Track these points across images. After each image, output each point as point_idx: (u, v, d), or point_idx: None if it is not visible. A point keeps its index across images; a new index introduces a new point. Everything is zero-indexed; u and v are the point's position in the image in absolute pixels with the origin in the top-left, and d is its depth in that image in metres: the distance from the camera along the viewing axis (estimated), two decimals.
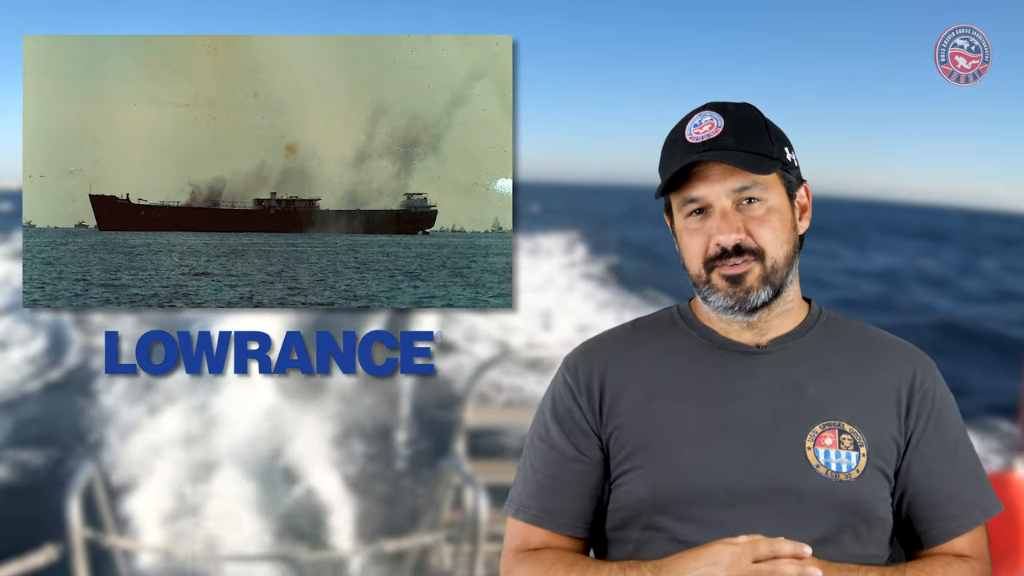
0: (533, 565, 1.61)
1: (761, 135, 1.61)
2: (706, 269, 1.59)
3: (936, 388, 1.64)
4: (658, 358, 1.64)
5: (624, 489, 1.60)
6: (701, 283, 1.60)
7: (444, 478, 6.10)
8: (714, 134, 1.57)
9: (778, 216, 1.60)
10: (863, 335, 1.68)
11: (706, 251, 1.58)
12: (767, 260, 1.58)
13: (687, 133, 1.59)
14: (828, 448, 1.57)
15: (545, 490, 1.64)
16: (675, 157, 1.59)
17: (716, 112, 1.60)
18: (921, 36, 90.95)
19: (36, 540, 5.27)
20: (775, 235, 1.59)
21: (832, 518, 1.54)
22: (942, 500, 1.61)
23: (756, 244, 1.58)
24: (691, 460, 1.56)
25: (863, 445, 1.57)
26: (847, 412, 1.59)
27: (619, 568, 1.54)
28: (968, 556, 1.61)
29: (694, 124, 1.60)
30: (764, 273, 1.58)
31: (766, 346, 1.62)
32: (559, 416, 1.65)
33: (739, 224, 1.57)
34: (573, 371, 1.66)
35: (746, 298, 1.58)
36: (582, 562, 1.59)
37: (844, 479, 1.56)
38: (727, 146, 1.56)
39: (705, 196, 1.57)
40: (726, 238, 1.56)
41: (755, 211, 1.58)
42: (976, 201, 78.30)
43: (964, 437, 1.65)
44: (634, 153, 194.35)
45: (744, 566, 1.43)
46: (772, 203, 1.59)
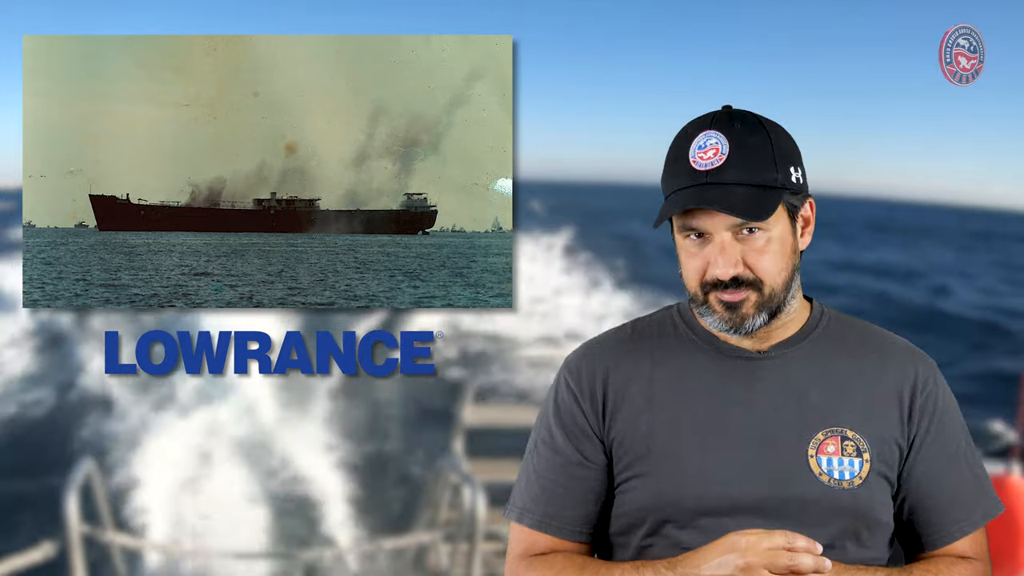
0: (543, 570, 1.60)
1: (767, 162, 1.58)
2: (703, 291, 1.60)
3: (939, 390, 1.63)
4: (659, 363, 1.64)
5: (627, 496, 1.60)
6: (698, 301, 1.60)
7: (442, 477, 6.11)
8: (718, 162, 1.55)
9: (779, 244, 1.58)
10: (865, 336, 1.67)
11: (703, 275, 1.59)
12: (765, 289, 1.57)
13: (691, 156, 1.58)
14: (831, 456, 1.56)
15: (549, 495, 1.63)
16: (678, 180, 1.58)
17: (722, 134, 1.58)
18: (922, 36, 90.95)
19: (34, 536, 5.28)
20: (774, 264, 1.58)
21: (835, 525, 1.54)
22: (944, 503, 1.61)
23: (754, 276, 1.57)
24: (693, 468, 1.56)
25: (866, 451, 1.57)
26: (850, 418, 1.58)
27: (632, 568, 1.54)
28: (970, 557, 1.62)
29: (699, 146, 1.58)
30: (761, 301, 1.57)
31: (767, 352, 1.62)
32: (563, 420, 1.65)
33: (737, 258, 1.56)
34: (576, 375, 1.66)
35: (742, 324, 1.57)
36: (593, 565, 1.59)
37: (847, 487, 1.55)
38: (729, 179, 1.55)
39: (703, 227, 1.57)
40: (723, 272, 1.55)
41: (755, 242, 1.57)
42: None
43: (966, 439, 1.65)
44: (634, 154, 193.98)
45: (761, 551, 1.44)
46: (773, 233, 1.58)
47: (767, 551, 1.44)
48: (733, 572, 1.45)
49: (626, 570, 1.54)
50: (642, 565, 1.53)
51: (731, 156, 1.57)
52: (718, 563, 1.46)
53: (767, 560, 1.44)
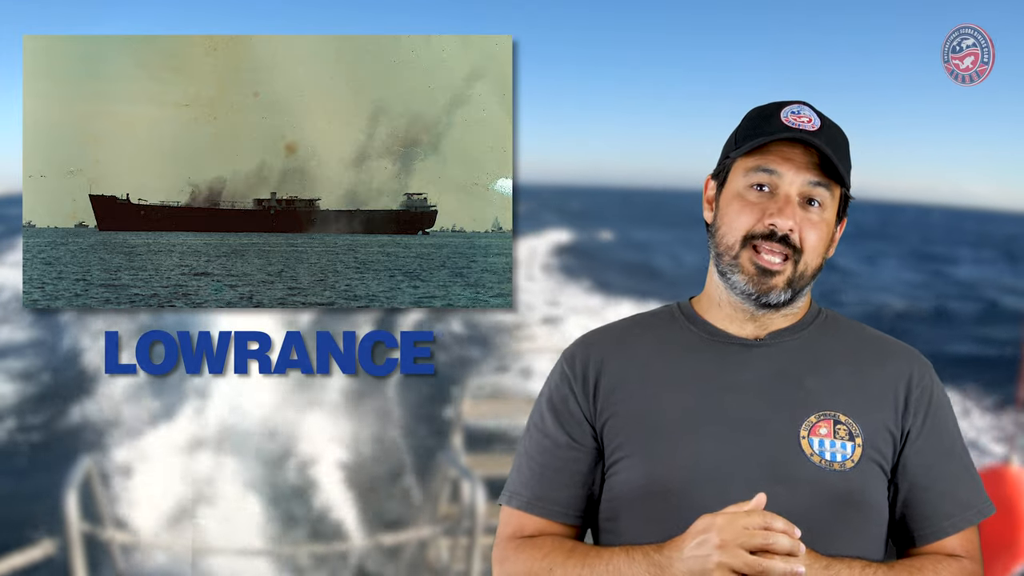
0: (530, 551, 1.61)
1: (846, 154, 1.63)
2: (742, 244, 1.61)
3: (934, 387, 1.65)
4: (655, 350, 1.66)
5: (618, 478, 1.61)
6: (730, 257, 1.61)
7: (441, 472, 6.12)
8: (811, 128, 1.60)
9: (826, 228, 1.62)
10: (861, 334, 1.69)
11: (752, 226, 1.60)
12: (801, 264, 1.60)
13: (784, 116, 1.61)
14: (823, 437, 1.58)
15: (538, 477, 1.65)
16: (769, 127, 1.60)
17: (815, 112, 1.63)
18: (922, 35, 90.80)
19: (33, 535, 5.28)
20: (819, 243, 1.61)
21: (827, 508, 1.55)
22: (936, 498, 1.61)
23: (800, 243, 1.60)
24: (685, 450, 1.57)
25: (858, 436, 1.58)
26: (843, 404, 1.60)
27: (621, 551, 1.54)
28: (960, 556, 1.62)
29: (792, 111, 1.62)
30: (792, 276, 1.60)
31: (764, 339, 1.64)
32: (554, 405, 1.67)
33: (798, 219, 1.60)
34: (571, 361, 1.68)
35: (768, 292, 1.60)
36: (581, 548, 1.60)
37: (838, 468, 1.56)
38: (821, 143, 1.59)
39: (783, 174, 1.59)
40: (784, 223, 1.58)
41: (812, 215, 1.60)
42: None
43: (959, 438, 1.67)
44: (634, 153, 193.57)
45: (738, 530, 1.43)
46: (827, 215, 1.62)
47: (743, 530, 1.44)
48: (710, 551, 1.44)
49: (615, 553, 1.55)
50: (631, 549, 1.54)
51: (823, 129, 1.61)
52: (697, 543, 1.46)
53: (742, 539, 1.44)
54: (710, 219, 1.67)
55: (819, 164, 1.60)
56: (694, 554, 1.46)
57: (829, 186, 1.61)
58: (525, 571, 1.60)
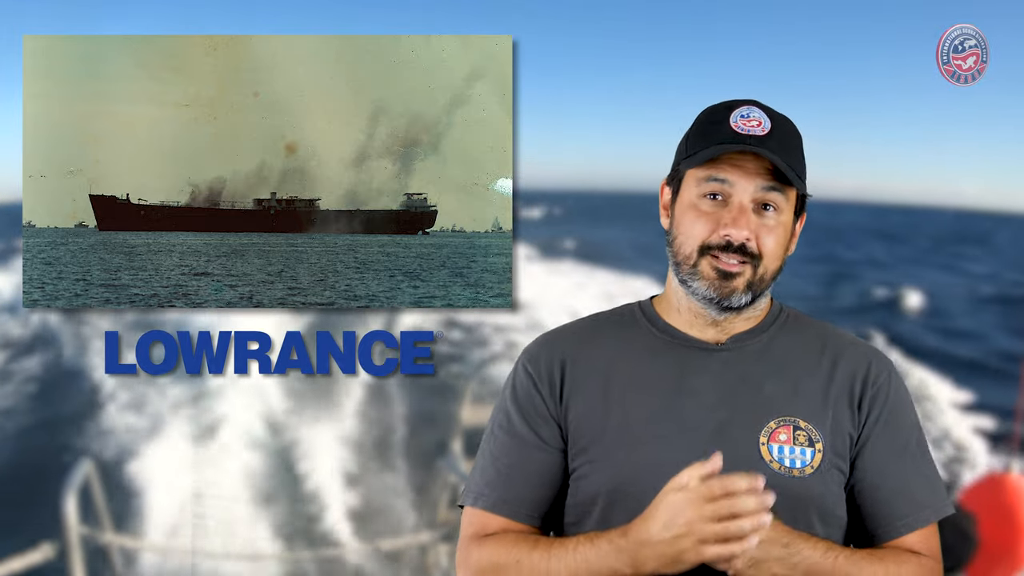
0: (493, 547, 1.60)
1: (799, 153, 1.63)
2: (699, 253, 1.60)
3: (891, 386, 1.64)
4: (617, 353, 1.65)
5: (581, 483, 1.61)
6: (688, 265, 1.61)
7: (441, 477, 6.11)
8: (760, 133, 1.58)
9: (783, 231, 1.62)
10: (822, 333, 1.69)
11: (708, 237, 1.59)
12: (760, 268, 1.60)
13: (732, 120, 1.59)
14: (782, 444, 1.57)
15: (504, 478, 1.64)
16: (718, 135, 1.59)
17: (764, 113, 1.61)
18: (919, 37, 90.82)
19: (33, 538, 5.27)
20: (777, 247, 1.61)
21: (786, 514, 1.53)
22: (889, 497, 1.61)
23: (758, 250, 1.59)
24: (645, 456, 1.57)
25: (819, 441, 1.58)
26: (803, 409, 1.60)
27: (585, 539, 1.53)
28: (920, 552, 1.61)
29: (741, 115, 1.60)
30: (752, 280, 1.60)
31: (725, 344, 1.64)
32: (521, 404, 1.66)
33: (752, 227, 1.58)
34: (534, 361, 1.67)
35: (729, 296, 1.59)
36: (545, 540, 1.59)
37: (798, 475, 1.56)
38: (772, 149, 1.58)
39: (735, 183, 1.58)
40: (739, 233, 1.57)
41: (768, 220, 1.59)
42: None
43: (918, 438, 1.66)
44: (634, 153, 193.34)
45: (701, 505, 1.42)
46: (783, 218, 1.61)
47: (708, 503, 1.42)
48: (680, 532, 1.44)
49: (580, 541, 1.54)
50: (596, 536, 1.53)
51: (773, 131, 1.60)
52: (663, 525, 1.45)
53: (709, 511, 1.42)
54: (667, 225, 1.66)
55: (771, 169, 1.59)
56: (663, 537, 1.45)
57: (783, 189, 1.60)
58: (491, 564, 1.60)
